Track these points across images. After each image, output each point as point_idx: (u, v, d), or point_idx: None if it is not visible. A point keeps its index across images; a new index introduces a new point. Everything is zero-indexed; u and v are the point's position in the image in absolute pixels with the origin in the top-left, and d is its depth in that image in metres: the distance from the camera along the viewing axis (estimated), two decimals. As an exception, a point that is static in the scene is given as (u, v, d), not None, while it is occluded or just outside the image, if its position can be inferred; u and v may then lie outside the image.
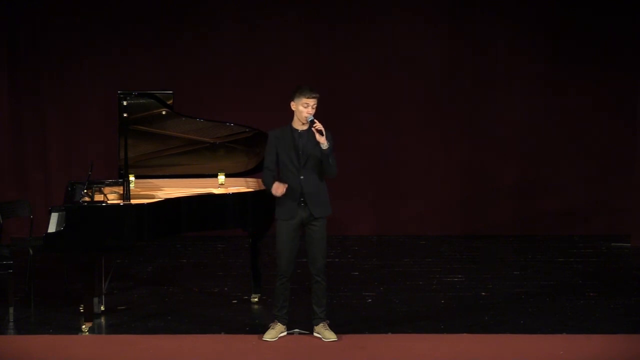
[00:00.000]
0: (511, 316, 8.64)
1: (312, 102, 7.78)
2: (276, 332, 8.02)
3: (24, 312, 8.68)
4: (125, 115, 8.23)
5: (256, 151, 8.97)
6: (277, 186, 7.79)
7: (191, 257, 10.89)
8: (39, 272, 9.42)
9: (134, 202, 8.18)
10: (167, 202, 8.32)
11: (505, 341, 8.01)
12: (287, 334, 8.06)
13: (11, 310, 8.49)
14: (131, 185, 8.58)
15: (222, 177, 9.10)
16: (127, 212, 8.07)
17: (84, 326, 8.18)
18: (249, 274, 9.15)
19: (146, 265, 10.49)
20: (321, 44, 11.75)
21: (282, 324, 8.04)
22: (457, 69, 11.75)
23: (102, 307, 8.69)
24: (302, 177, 7.83)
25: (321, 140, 7.73)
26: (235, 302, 9.12)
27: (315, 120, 7.73)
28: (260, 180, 9.09)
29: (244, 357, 7.72)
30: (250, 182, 9.12)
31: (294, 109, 7.84)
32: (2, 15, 11.52)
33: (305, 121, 7.81)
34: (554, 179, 11.84)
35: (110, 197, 8.38)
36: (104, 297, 8.78)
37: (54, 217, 8.44)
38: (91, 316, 8.25)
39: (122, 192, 8.26)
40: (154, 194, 8.64)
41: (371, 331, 8.25)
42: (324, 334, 8.00)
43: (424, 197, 11.86)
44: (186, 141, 8.88)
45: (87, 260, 8.15)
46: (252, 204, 8.65)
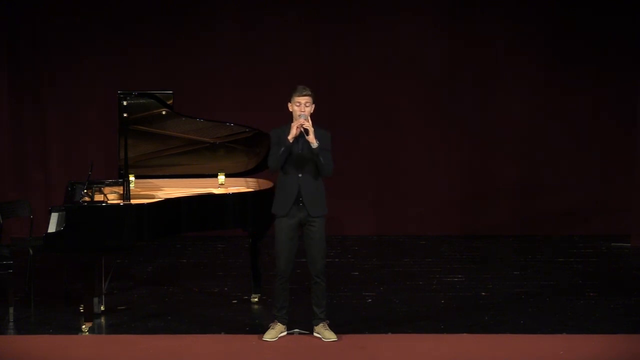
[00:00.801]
0: (511, 316, 8.64)
1: (303, 100, 7.79)
2: (276, 332, 8.02)
3: (24, 312, 8.68)
4: (125, 115, 8.22)
5: (256, 151, 8.97)
6: (295, 123, 7.76)
7: (191, 257, 10.88)
8: (39, 272, 9.41)
9: (134, 202, 8.17)
10: (167, 202, 8.31)
11: (505, 341, 8.01)
12: (287, 334, 8.06)
13: (11, 310, 8.48)
14: (131, 185, 8.57)
15: (222, 177, 9.09)
16: (127, 212, 8.07)
17: (84, 326, 8.17)
18: (249, 274, 9.14)
19: (146, 265, 10.48)
20: (321, 44, 11.73)
21: (282, 324, 8.04)
22: (457, 69, 11.74)
23: (102, 307, 8.68)
24: (300, 175, 7.84)
25: (310, 139, 7.74)
26: (235, 302, 9.12)
27: (306, 119, 7.74)
28: (260, 180, 9.11)
29: (244, 357, 7.72)
30: (250, 182, 9.11)
31: (290, 110, 7.86)
32: (2, 15, 11.51)
33: None
34: (554, 179, 11.83)
35: (110, 197, 8.37)
36: (104, 297, 8.77)
37: (54, 217, 8.43)
38: (91, 316, 8.24)
39: (122, 192, 8.25)
40: (154, 194, 8.64)
41: (371, 331, 8.24)
42: (324, 334, 8.00)
43: (424, 197, 11.85)
44: (186, 141, 8.87)
45: (87, 260, 8.15)
46: (252, 204, 8.64)
